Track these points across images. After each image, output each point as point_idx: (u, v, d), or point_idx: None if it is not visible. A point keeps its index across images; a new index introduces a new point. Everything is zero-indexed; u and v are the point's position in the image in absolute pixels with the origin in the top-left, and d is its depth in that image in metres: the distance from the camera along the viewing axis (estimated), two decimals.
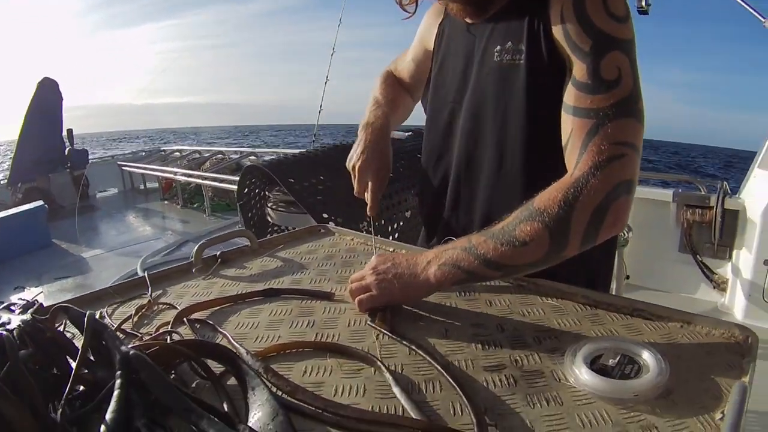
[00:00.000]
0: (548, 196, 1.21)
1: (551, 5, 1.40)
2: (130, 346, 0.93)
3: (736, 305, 4.58)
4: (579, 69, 1.32)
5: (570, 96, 1.34)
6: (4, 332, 0.90)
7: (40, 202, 9.83)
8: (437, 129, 1.76)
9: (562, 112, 1.37)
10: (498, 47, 1.52)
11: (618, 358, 0.98)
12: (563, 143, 1.35)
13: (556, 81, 1.40)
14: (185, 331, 1.24)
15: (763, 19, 4.51)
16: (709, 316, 1.17)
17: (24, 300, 1.22)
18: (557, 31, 1.38)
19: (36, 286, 6.90)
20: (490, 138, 1.57)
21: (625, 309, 1.24)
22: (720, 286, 4.76)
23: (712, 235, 4.71)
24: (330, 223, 2.21)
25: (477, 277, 1.29)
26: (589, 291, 1.32)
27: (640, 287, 4.96)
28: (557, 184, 1.23)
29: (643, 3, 4.07)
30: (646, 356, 0.97)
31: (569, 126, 1.32)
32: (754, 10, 4.55)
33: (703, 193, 4.95)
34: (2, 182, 12.69)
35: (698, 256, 4.83)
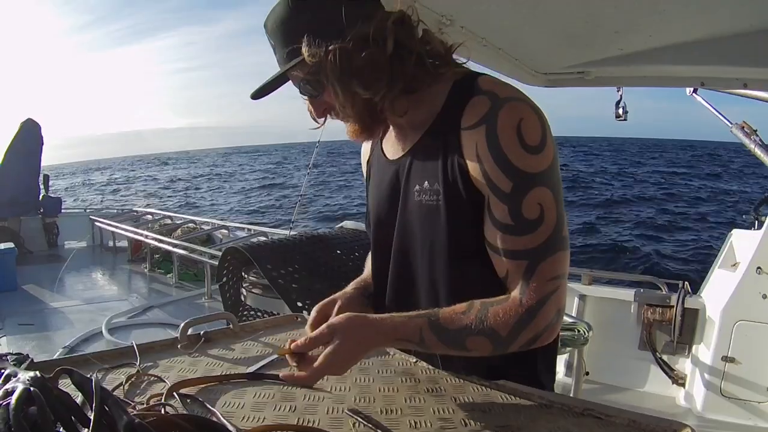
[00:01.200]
0: (503, 317, 1.37)
1: (463, 142, 1.44)
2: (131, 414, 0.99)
3: (696, 399, 4.68)
4: (500, 210, 1.40)
5: (495, 237, 1.43)
6: (30, 387, 0.96)
7: (10, 244, 9.80)
8: (376, 250, 1.83)
9: (491, 252, 1.47)
10: (417, 186, 1.57)
11: None
12: (500, 277, 1.46)
13: (476, 217, 1.47)
14: (176, 405, 1.30)
15: (729, 125, 4.73)
16: (668, 411, 1.29)
17: (3, 350, 1.28)
18: (474, 170, 1.43)
19: None
20: (419, 272, 1.65)
21: (577, 408, 1.32)
22: (678, 381, 4.89)
23: (671, 333, 4.85)
24: (304, 311, 2.30)
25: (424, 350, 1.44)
26: (545, 392, 1.42)
27: (599, 383, 5.05)
28: (509, 307, 1.38)
29: (620, 111, 4.24)
30: None
31: (504, 267, 1.44)
32: (722, 116, 4.77)
33: (663, 293, 5.10)
34: None
35: (657, 353, 4.95)
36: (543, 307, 1.36)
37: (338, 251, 3.15)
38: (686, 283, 5.09)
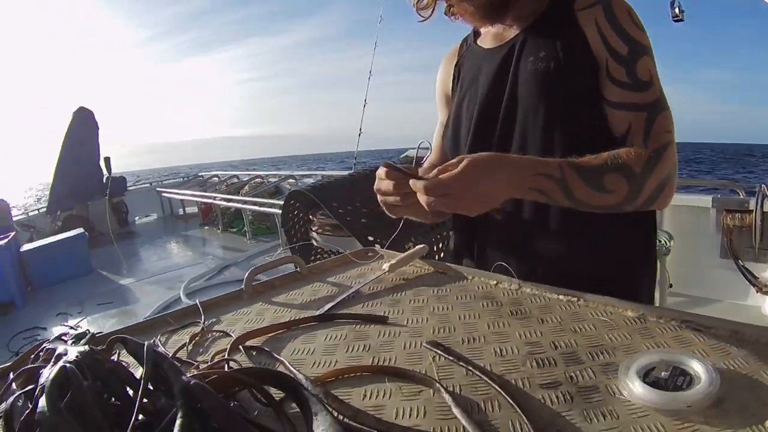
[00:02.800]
0: (636, 156, 1.45)
1: (581, 19, 1.58)
2: (189, 375, 0.95)
3: None
4: (618, 71, 1.53)
5: (616, 94, 1.54)
6: (67, 365, 0.92)
7: (80, 230, 9.99)
8: (466, 139, 1.82)
9: (609, 108, 1.57)
10: (531, 58, 1.64)
11: (670, 371, 0.98)
12: (618, 134, 1.56)
13: (589, 83, 1.57)
14: (241, 359, 1.25)
15: None
16: (754, 321, 1.18)
17: (75, 328, 1.24)
18: (593, 38, 1.56)
19: (78, 313, 7.01)
20: (536, 138, 1.65)
21: (674, 321, 1.24)
22: (763, 290, 4.70)
23: (752, 239, 4.67)
24: (376, 245, 2.22)
25: (551, 202, 1.46)
26: (638, 305, 1.33)
27: (684, 295, 4.93)
28: (638, 150, 1.47)
29: (677, 11, 4.08)
30: (697, 367, 0.97)
31: (625, 120, 1.53)
32: None
33: (742, 197, 4.92)
34: (41, 210, 12.86)
35: (740, 261, 4.78)
36: (665, 152, 1.48)
37: None
38: (764, 186, 4.82)
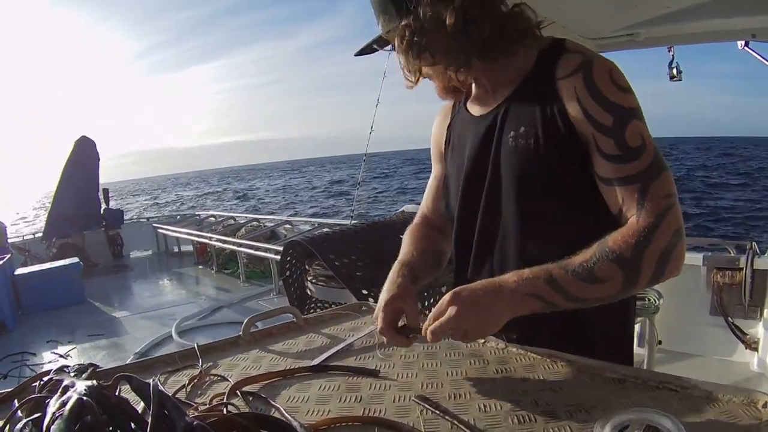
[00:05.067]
0: (622, 240, 1.41)
1: (561, 89, 1.55)
2: (190, 416, 1.00)
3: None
4: (606, 144, 1.49)
5: (605, 169, 1.51)
6: (84, 397, 0.97)
7: (75, 259, 9.99)
8: (457, 198, 1.85)
9: (602, 185, 1.53)
10: (512, 132, 1.64)
11: (643, 429, 1.03)
12: (614, 211, 1.53)
13: (573, 159, 1.55)
14: (238, 403, 1.29)
15: None
16: (742, 376, 1.25)
17: (64, 357, 1.29)
18: (574, 111, 1.52)
19: (68, 341, 6.99)
20: (512, 211, 1.67)
21: (652, 382, 1.29)
22: (751, 346, 4.74)
23: (742, 296, 4.72)
24: (370, 299, 2.27)
25: (554, 307, 1.44)
26: (617, 366, 1.38)
27: (673, 352, 4.95)
28: (627, 230, 1.43)
29: (674, 71, 4.17)
30: (669, 426, 1.02)
31: (618, 195, 1.49)
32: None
33: (732, 255, 4.96)
34: (37, 236, 12.86)
35: (729, 318, 4.83)
36: (662, 221, 1.41)
37: (401, 236, 3.13)
38: (754, 243, 4.92)
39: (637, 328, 4.93)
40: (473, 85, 1.82)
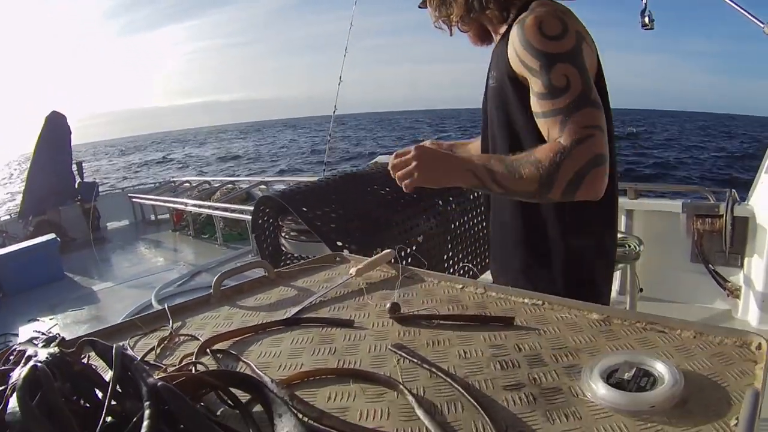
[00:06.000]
0: (545, 153, 1.64)
1: (509, 41, 1.83)
2: (156, 377, 0.95)
3: (750, 312, 4.57)
4: (536, 84, 1.73)
5: (536, 105, 1.74)
6: (38, 365, 0.92)
7: (52, 235, 9.89)
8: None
9: (537, 121, 1.76)
10: (491, 72, 2.00)
11: (633, 372, 0.99)
12: (546, 139, 1.74)
13: (519, 97, 1.85)
14: (208, 362, 1.25)
15: (761, 25, 4.52)
16: (723, 324, 1.20)
17: (45, 334, 1.24)
18: (514, 61, 1.81)
19: (50, 319, 6.93)
20: (491, 137, 2.09)
21: (639, 323, 1.25)
22: (733, 293, 4.77)
23: (723, 243, 4.71)
24: (344, 250, 2.23)
25: (484, 188, 1.80)
26: (602, 307, 1.34)
27: (654, 299, 4.95)
28: (550, 145, 1.66)
29: (647, 20, 4.13)
30: (661, 368, 0.99)
31: (545, 126, 1.72)
32: (753, 17, 4.55)
33: (711, 202, 4.95)
34: (13, 215, 12.76)
35: (710, 265, 4.83)
36: (579, 145, 1.61)
37: (375, 186, 3.09)
38: (734, 191, 4.87)
39: (617, 275, 4.92)
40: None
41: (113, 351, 0.99)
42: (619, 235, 4.10)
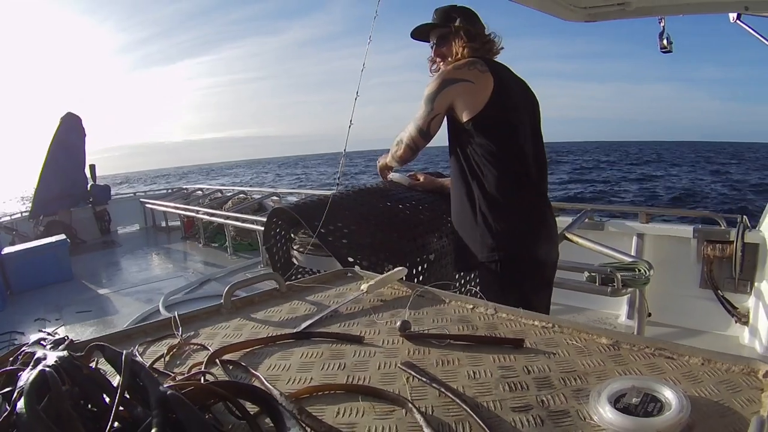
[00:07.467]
0: (395, 145, 2.99)
1: None
2: (165, 385, 0.95)
3: (758, 339, 4.55)
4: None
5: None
6: (47, 369, 0.92)
7: (62, 236, 9.90)
8: None
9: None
10: None
11: (641, 397, 1.00)
12: None
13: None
14: (218, 372, 1.25)
15: None
16: (732, 351, 1.20)
17: (52, 334, 1.24)
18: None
19: (56, 319, 6.91)
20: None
21: (648, 348, 1.25)
22: (741, 320, 4.73)
23: (732, 270, 4.69)
24: (356, 266, 2.24)
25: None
26: (613, 332, 1.33)
27: (662, 324, 4.93)
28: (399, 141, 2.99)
29: (665, 42, 4.13)
30: (668, 394, 0.99)
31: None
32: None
33: (723, 227, 4.93)
34: (24, 214, 12.78)
35: (719, 291, 4.81)
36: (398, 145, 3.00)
37: (388, 203, 3.12)
38: (745, 216, 4.87)
39: (626, 298, 4.90)
40: None
41: (122, 357, 1.00)
42: (629, 260, 4.09)
